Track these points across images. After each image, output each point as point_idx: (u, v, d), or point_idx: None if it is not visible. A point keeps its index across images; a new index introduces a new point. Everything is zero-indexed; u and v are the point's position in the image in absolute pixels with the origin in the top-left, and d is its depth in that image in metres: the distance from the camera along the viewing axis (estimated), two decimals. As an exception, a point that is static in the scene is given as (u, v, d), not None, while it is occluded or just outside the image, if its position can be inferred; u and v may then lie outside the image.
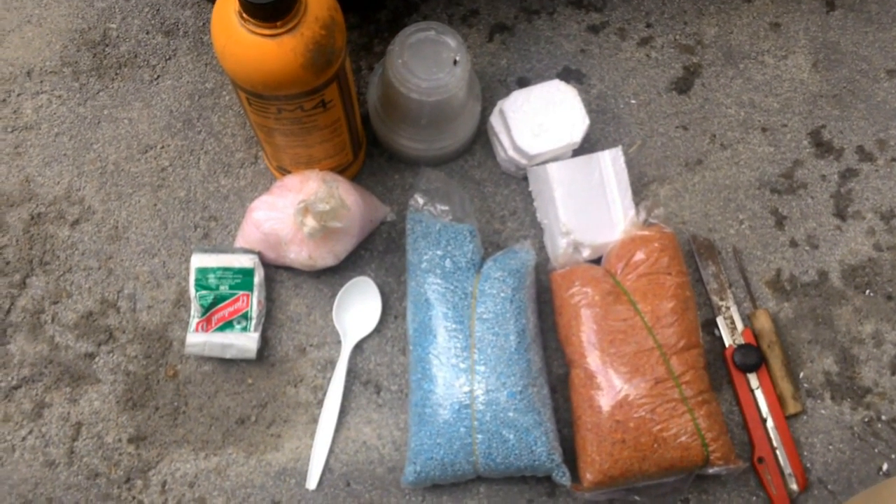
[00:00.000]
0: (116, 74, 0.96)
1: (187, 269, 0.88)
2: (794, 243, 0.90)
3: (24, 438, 0.83)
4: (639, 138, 0.94)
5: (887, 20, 0.99)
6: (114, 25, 0.98)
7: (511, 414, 0.76)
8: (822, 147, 0.94)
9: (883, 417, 0.84)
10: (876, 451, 0.83)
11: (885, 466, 0.83)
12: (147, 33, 0.98)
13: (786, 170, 0.93)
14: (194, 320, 0.83)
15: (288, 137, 0.79)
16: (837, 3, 1.00)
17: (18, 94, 0.95)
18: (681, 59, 0.98)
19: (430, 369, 0.79)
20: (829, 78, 0.97)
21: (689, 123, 0.95)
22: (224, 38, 0.68)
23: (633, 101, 0.96)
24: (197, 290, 0.83)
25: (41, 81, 0.95)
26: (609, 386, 0.77)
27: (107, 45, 0.97)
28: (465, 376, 0.78)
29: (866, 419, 0.84)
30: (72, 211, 0.90)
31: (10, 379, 0.84)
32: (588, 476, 0.77)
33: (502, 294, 0.81)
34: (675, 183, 0.92)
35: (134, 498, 0.81)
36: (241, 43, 0.67)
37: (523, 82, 0.96)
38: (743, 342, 0.84)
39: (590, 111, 0.87)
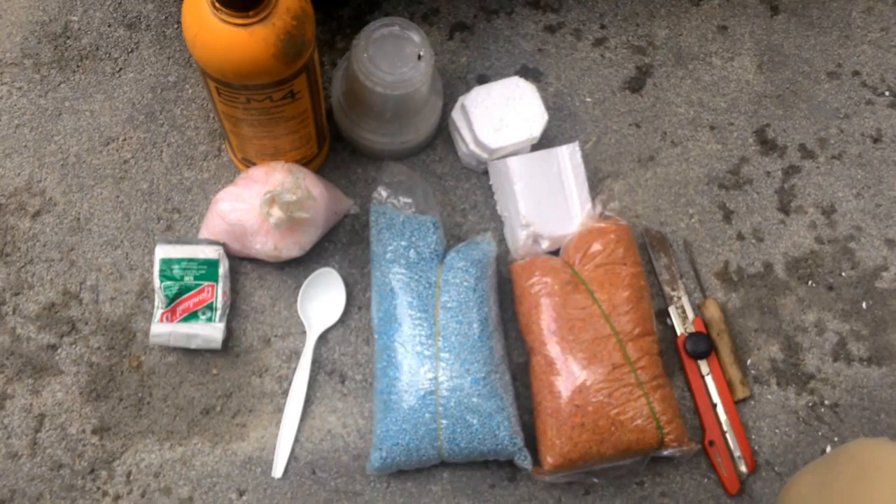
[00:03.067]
0: (78, 67, 0.95)
1: (150, 260, 0.88)
2: (741, 236, 0.94)
3: (-16, 430, 0.82)
4: (594, 135, 0.97)
5: (828, 24, 1.04)
6: (75, 18, 0.97)
7: (475, 400, 0.79)
8: (767, 145, 0.98)
9: (826, 402, 0.88)
10: (819, 434, 0.87)
11: (828, 448, 0.87)
12: (109, 26, 0.97)
13: (733, 166, 0.97)
14: (159, 311, 0.83)
15: (255, 128, 0.80)
16: (781, 7, 1.05)
17: (-23, 85, 0.94)
18: (633, 59, 1.01)
19: (395, 357, 0.81)
20: (773, 79, 1.01)
21: (641, 121, 0.98)
22: (195, 28, 0.69)
23: (588, 100, 0.99)
24: (162, 281, 0.84)
25: (1, 73, 0.94)
26: (568, 372, 0.80)
27: (68, 38, 0.97)
28: (430, 363, 0.79)
29: (810, 404, 0.88)
30: (33, 202, 0.90)
31: (-31, 371, 0.84)
32: (549, 459, 0.79)
33: (465, 283, 0.83)
34: (628, 178, 0.96)
35: (98, 489, 0.81)
36: (212, 32, 0.68)
37: (483, 79, 0.98)
38: (694, 330, 0.88)
39: (547, 108, 0.90)
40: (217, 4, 0.67)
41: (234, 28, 0.67)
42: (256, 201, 0.82)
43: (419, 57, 0.83)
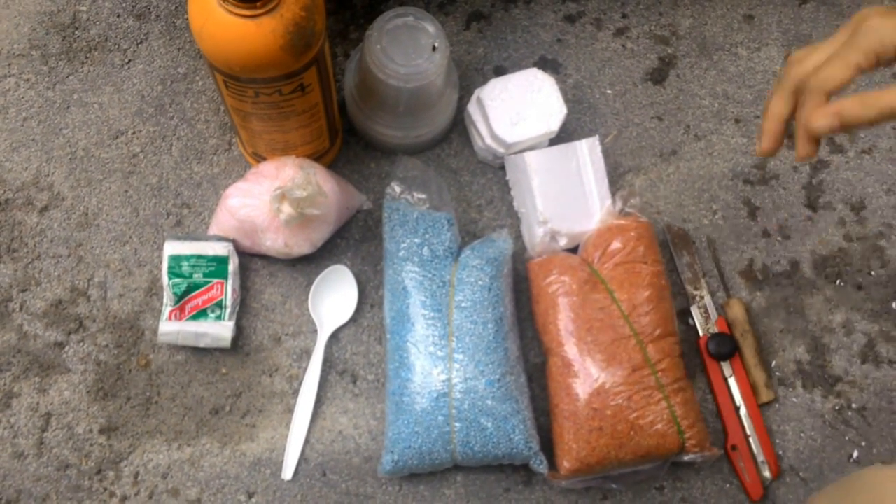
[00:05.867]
0: (86, 58, 0.94)
1: (159, 256, 0.86)
2: (766, 233, 0.91)
3: (-9, 429, 0.81)
4: (614, 128, 0.94)
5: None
6: (84, 8, 0.96)
7: (489, 402, 0.76)
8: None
9: (853, 405, 0.85)
10: (846, 438, 0.85)
11: (855, 454, 0.84)
12: (118, 16, 0.96)
13: (758, 161, 0.94)
14: (167, 309, 0.82)
15: (265, 122, 0.78)
16: (809, -4, 1.02)
17: (-15, 77, 0.93)
18: (656, 49, 0.98)
19: (407, 357, 0.79)
20: (801, 70, 0.98)
21: (663, 114, 0.95)
22: (202, 19, 0.67)
23: (608, 92, 0.96)
24: (170, 278, 0.82)
25: (9, 65, 0.93)
26: (586, 374, 0.77)
27: (76, 29, 0.95)
28: (443, 364, 0.77)
29: (837, 407, 0.85)
30: (40, 197, 0.88)
31: (-24, 369, 0.83)
32: (565, 464, 0.77)
33: (480, 282, 0.80)
34: (650, 173, 0.93)
35: (105, 489, 0.80)
36: (219, 24, 0.66)
37: (500, 71, 0.96)
38: (717, 331, 0.85)
39: (566, 101, 0.87)
40: (224, -5, 0.65)
41: (241, 19, 0.65)
42: (266, 197, 0.81)
43: (434, 48, 0.81)
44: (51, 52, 0.94)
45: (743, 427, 0.83)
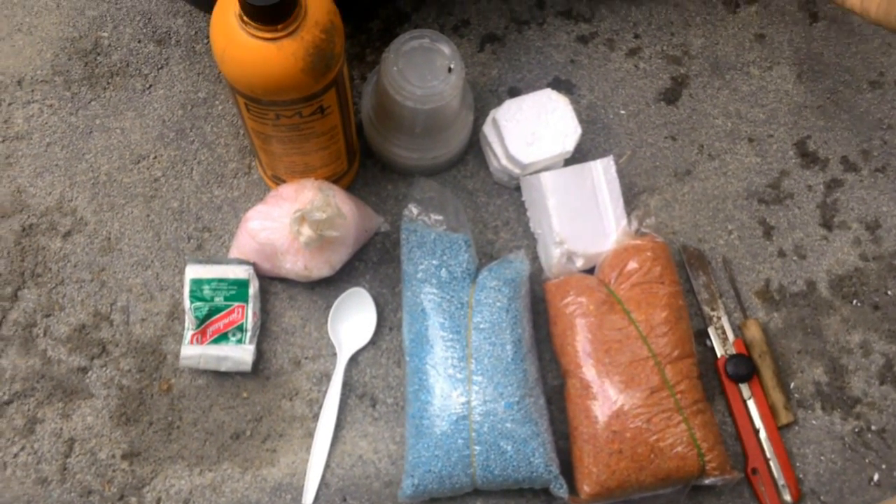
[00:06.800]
0: (108, 83, 0.95)
1: (181, 280, 0.87)
2: (782, 253, 0.91)
3: (15, 455, 0.82)
4: (629, 148, 0.95)
5: (869, 32, 1.01)
6: (105, 34, 0.97)
7: (509, 425, 0.77)
8: (808, 157, 0.95)
9: (873, 427, 0.85)
10: (867, 461, 0.84)
11: (875, 476, 0.84)
12: (139, 42, 0.97)
13: (772, 180, 0.94)
14: (189, 332, 0.83)
15: (285, 145, 0.79)
16: (820, 14, 1.02)
17: (9, 104, 0.94)
18: (668, 69, 0.99)
19: (426, 380, 0.79)
20: (814, 89, 0.98)
21: (677, 134, 0.96)
22: (224, 42, 0.68)
23: (622, 112, 0.97)
24: (192, 302, 0.83)
25: (32, 90, 0.94)
26: (605, 396, 0.78)
27: (98, 54, 0.96)
28: (463, 387, 0.78)
29: (857, 429, 0.85)
30: (64, 222, 0.89)
31: (1, 394, 0.83)
32: (585, 488, 0.77)
33: (498, 304, 0.81)
34: (664, 193, 0.93)
35: (129, 513, 0.81)
36: (241, 46, 0.67)
37: (514, 92, 0.96)
38: (734, 352, 0.85)
39: (580, 121, 0.88)
40: (245, 18, 0.66)
41: (262, 42, 0.66)
42: (286, 220, 0.81)
43: (450, 70, 0.82)
44: (73, 77, 0.95)
45: (763, 450, 0.83)
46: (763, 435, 0.83)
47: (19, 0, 0.98)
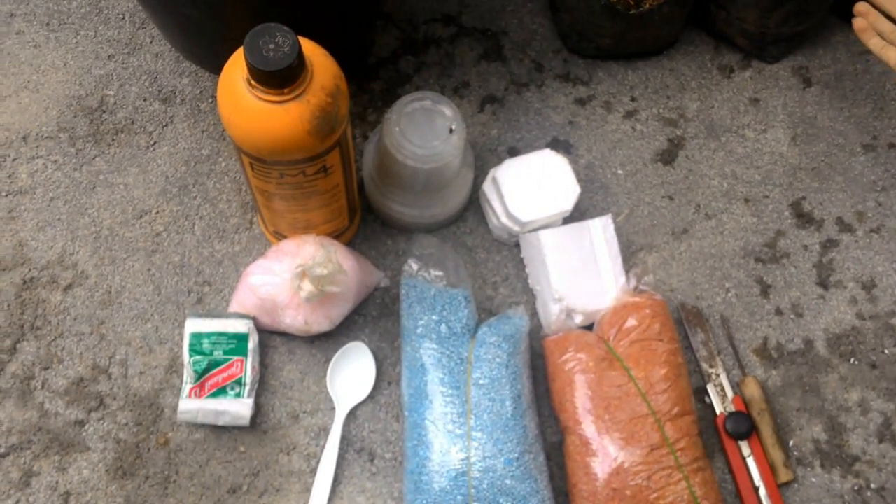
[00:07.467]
0: (113, 140, 0.97)
1: (180, 334, 0.87)
2: (779, 311, 0.92)
3: (9, 508, 0.81)
4: (626, 207, 0.96)
5: (861, 96, 1.03)
6: (111, 92, 0.99)
7: (508, 482, 0.76)
8: (803, 218, 0.97)
9: (872, 485, 0.85)
10: (867, 519, 0.84)
11: (876, 534, 0.83)
12: (144, 100, 0.99)
13: (769, 240, 0.95)
14: (187, 386, 0.82)
15: (288, 202, 0.80)
16: (813, 79, 1.04)
17: (14, 159, 0.95)
18: (665, 131, 1.01)
19: (426, 436, 0.79)
20: (808, 151, 1.00)
21: (674, 193, 0.97)
22: (231, 105, 0.69)
23: (619, 172, 0.98)
24: (191, 356, 0.83)
25: (37, 146, 0.96)
26: (605, 453, 0.77)
27: (104, 112, 0.98)
28: (462, 443, 0.77)
29: (856, 487, 0.85)
30: (65, 276, 0.90)
31: (-4, 446, 0.83)
32: (586, 545, 0.76)
33: (497, 359, 0.81)
34: (662, 251, 0.94)
35: (121, 570, 0.79)
36: (248, 109, 0.68)
37: (514, 152, 0.98)
38: (734, 409, 0.85)
39: (579, 181, 0.89)
40: (253, 82, 0.67)
41: (269, 105, 0.68)
42: (287, 275, 0.82)
43: (451, 130, 0.84)
44: (78, 134, 0.97)
45: (763, 508, 0.82)
46: (763, 493, 0.82)
47: (28, 59, 1.01)
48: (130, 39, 1.02)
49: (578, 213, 0.93)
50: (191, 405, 0.82)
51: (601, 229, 0.87)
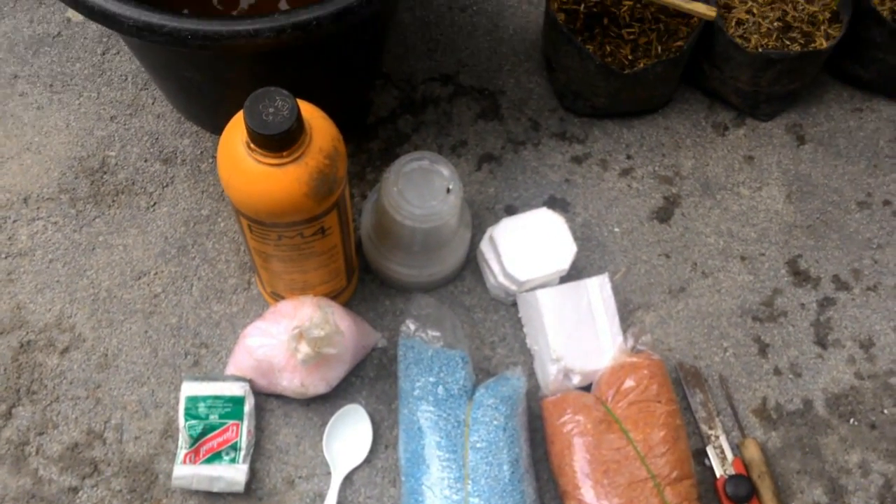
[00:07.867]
0: (113, 201, 0.97)
1: (176, 397, 0.87)
2: (777, 371, 0.92)
3: (0, 577, 0.80)
4: (623, 266, 0.96)
5: (855, 154, 1.04)
6: (113, 153, 1.00)
7: (506, 549, 0.75)
8: (800, 276, 0.97)
9: (875, 549, 0.84)
10: (870, 584, 0.83)
11: None
12: (145, 161, 1.00)
13: (766, 298, 0.95)
14: (182, 451, 0.82)
15: (286, 263, 0.80)
16: (807, 137, 1.05)
17: (14, 221, 0.95)
18: (660, 189, 1.01)
19: (423, 501, 0.78)
20: (803, 209, 1.01)
21: (670, 251, 0.98)
22: (230, 167, 0.70)
23: (616, 230, 0.99)
24: (186, 420, 0.82)
25: (38, 208, 0.96)
26: (604, 519, 0.76)
27: (105, 173, 0.99)
28: (459, 509, 0.77)
29: (859, 551, 0.84)
30: (62, 338, 0.90)
31: (-12, 513, 0.82)
32: None
33: (495, 422, 0.81)
34: (659, 310, 0.94)
35: None
36: (247, 172, 0.69)
37: (511, 210, 0.99)
38: (734, 472, 0.84)
39: (575, 239, 0.90)
40: (252, 145, 0.68)
41: (268, 168, 0.68)
42: (284, 336, 0.82)
43: (448, 190, 0.84)
44: (79, 195, 0.97)
45: (765, 574, 0.81)
46: (765, 560, 0.81)
47: (31, 120, 1.02)
48: (133, 100, 1.03)
49: (575, 272, 0.93)
50: (185, 471, 0.81)
51: (598, 288, 0.88)
